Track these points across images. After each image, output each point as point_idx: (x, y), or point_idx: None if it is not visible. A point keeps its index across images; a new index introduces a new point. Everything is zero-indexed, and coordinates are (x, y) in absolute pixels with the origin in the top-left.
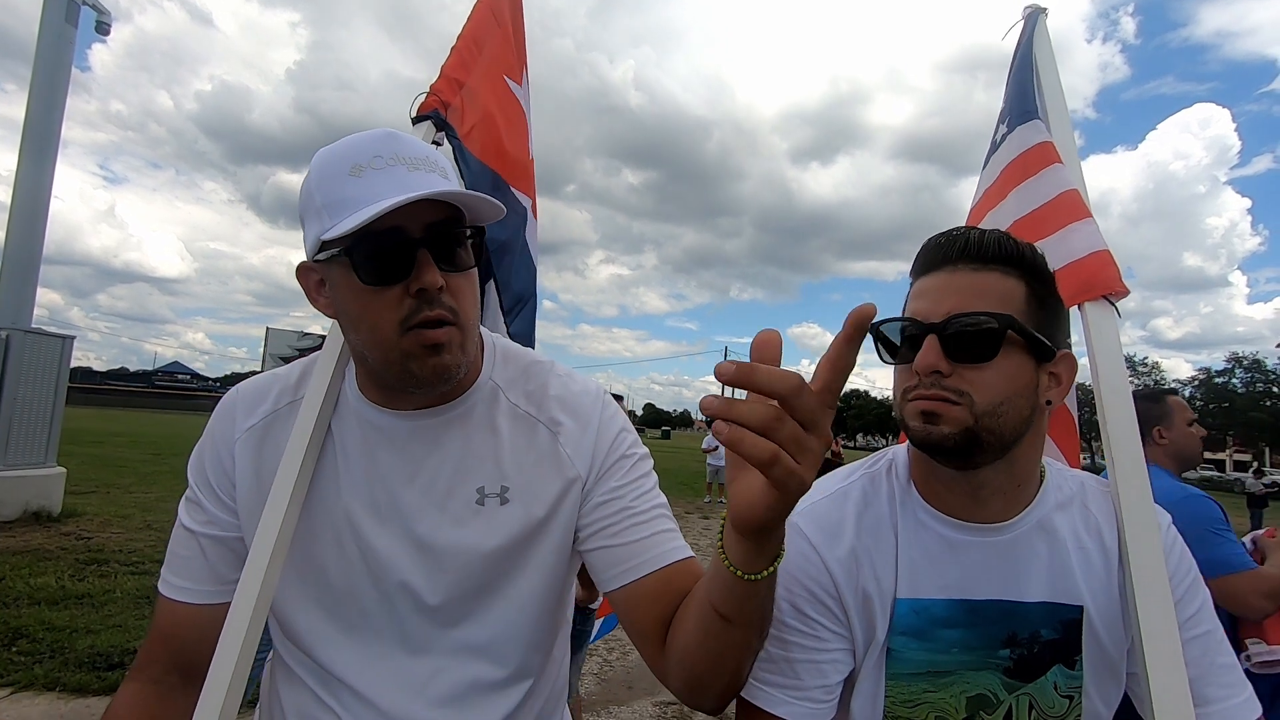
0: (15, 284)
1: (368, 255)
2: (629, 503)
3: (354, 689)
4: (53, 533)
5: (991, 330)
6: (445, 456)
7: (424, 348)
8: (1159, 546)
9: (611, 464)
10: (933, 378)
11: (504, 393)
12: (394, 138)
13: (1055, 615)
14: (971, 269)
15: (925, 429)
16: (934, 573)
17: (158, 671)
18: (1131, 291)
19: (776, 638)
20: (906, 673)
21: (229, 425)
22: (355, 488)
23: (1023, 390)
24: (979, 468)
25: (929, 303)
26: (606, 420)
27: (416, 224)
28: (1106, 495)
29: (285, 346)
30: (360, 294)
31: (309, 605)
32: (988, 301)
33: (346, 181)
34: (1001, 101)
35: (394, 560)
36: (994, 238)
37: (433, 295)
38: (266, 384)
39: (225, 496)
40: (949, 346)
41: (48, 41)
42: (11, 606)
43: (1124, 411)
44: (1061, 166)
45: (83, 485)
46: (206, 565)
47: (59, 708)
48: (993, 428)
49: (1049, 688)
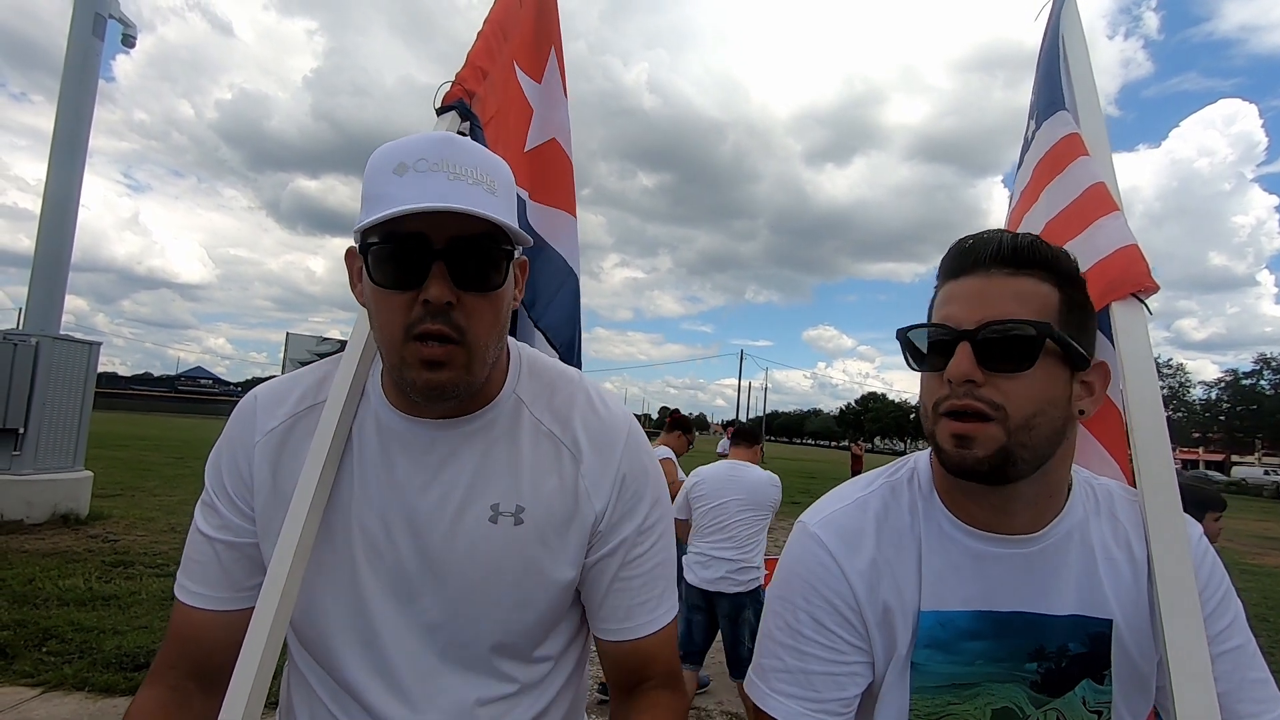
0: (44, 291)
1: (383, 257)
2: (629, 564)
3: (363, 702)
4: (80, 535)
5: (1029, 338)
6: (462, 469)
7: (421, 360)
8: (1188, 558)
9: (625, 514)
10: (966, 387)
11: (528, 408)
12: (450, 143)
13: (1083, 629)
14: (1005, 274)
15: (959, 454)
16: (958, 585)
17: (175, 677)
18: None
19: (794, 649)
20: (931, 685)
21: (248, 429)
22: (370, 495)
23: (1058, 401)
24: (1010, 482)
25: (961, 308)
26: (629, 460)
27: (441, 235)
28: (1135, 504)
29: (305, 351)
30: (375, 292)
31: (317, 612)
32: (1023, 308)
33: (389, 179)
34: (1030, 95)
35: (404, 572)
36: (1028, 241)
37: (438, 309)
38: (286, 387)
39: (242, 502)
40: (983, 354)
41: (75, 54)
42: (41, 607)
43: (1153, 417)
44: (1089, 159)
45: (109, 488)
46: (222, 571)
47: (88, 707)
48: (1026, 442)
49: (1077, 703)
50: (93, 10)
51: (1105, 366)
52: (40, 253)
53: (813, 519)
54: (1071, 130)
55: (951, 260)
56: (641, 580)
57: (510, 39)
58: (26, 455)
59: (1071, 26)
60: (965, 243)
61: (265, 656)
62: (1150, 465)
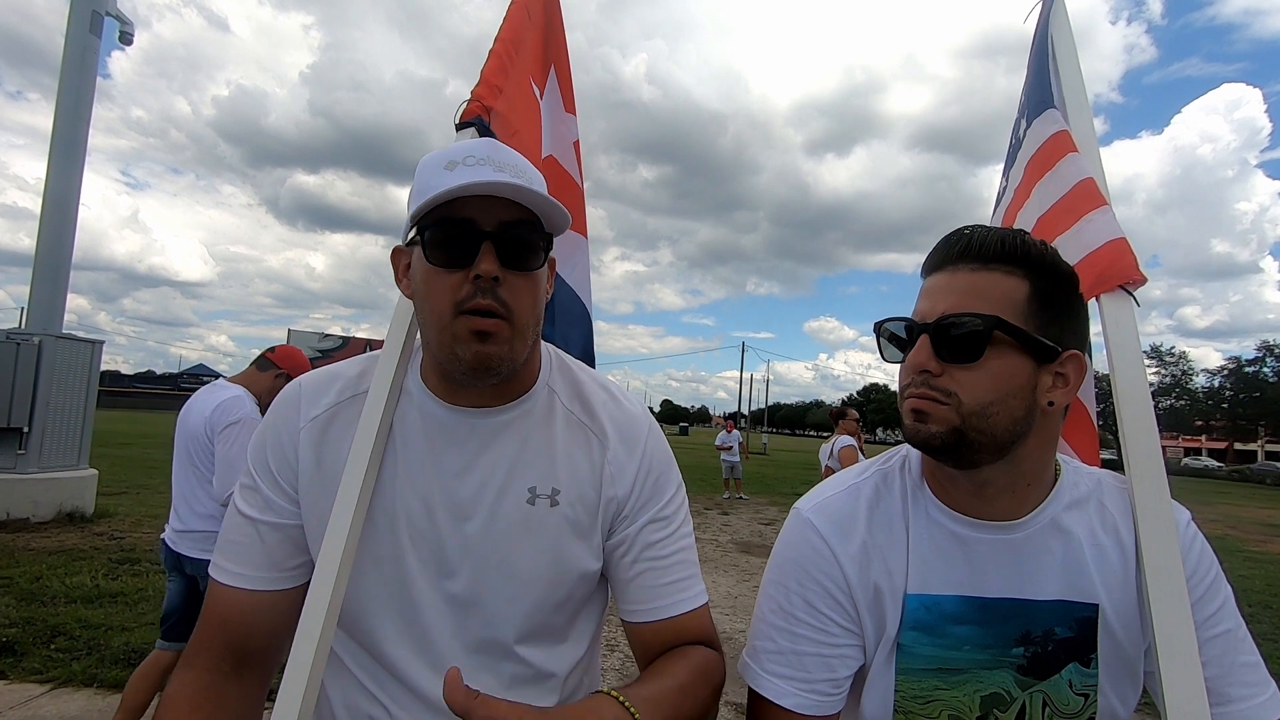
0: (46, 290)
1: (437, 238)
2: (653, 545)
3: (400, 678)
4: (86, 533)
5: (976, 331)
6: (502, 454)
7: (472, 333)
8: (1175, 544)
9: (647, 499)
10: (923, 376)
11: (560, 399)
12: (495, 146)
13: (1070, 613)
14: (971, 269)
15: (915, 427)
16: (945, 569)
17: (211, 659)
18: (1158, 280)
19: (786, 630)
20: (917, 668)
21: (293, 414)
22: (413, 480)
23: (1017, 390)
24: (978, 466)
25: (928, 303)
26: (651, 450)
27: (489, 219)
28: (1123, 492)
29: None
30: (428, 274)
31: (364, 596)
32: (983, 302)
33: (440, 174)
34: (1021, 94)
35: (442, 552)
36: (997, 237)
37: (487, 284)
38: (329, 377)
39: (287, 484)
40: (939, 346)
41: (73, 52)
42: (49, 605)
43: (1141, 407)
44: (1078, 155)
45: (114, 486)
46: (264, 551)
47: (96, 703)
48: (982, 428)
49: (1063, 685)
50: (90, 7)
51: (1080, 358)
52: (41, 252)
53: (807, 505)
54: (1061, 127)
55: (930, 256)
56: (669, 561)
57: (523, 54)
58: (31, 454)
59: (1060, 26)
60: (943, 240)
61: (320, 644)
62: (1138, 454)
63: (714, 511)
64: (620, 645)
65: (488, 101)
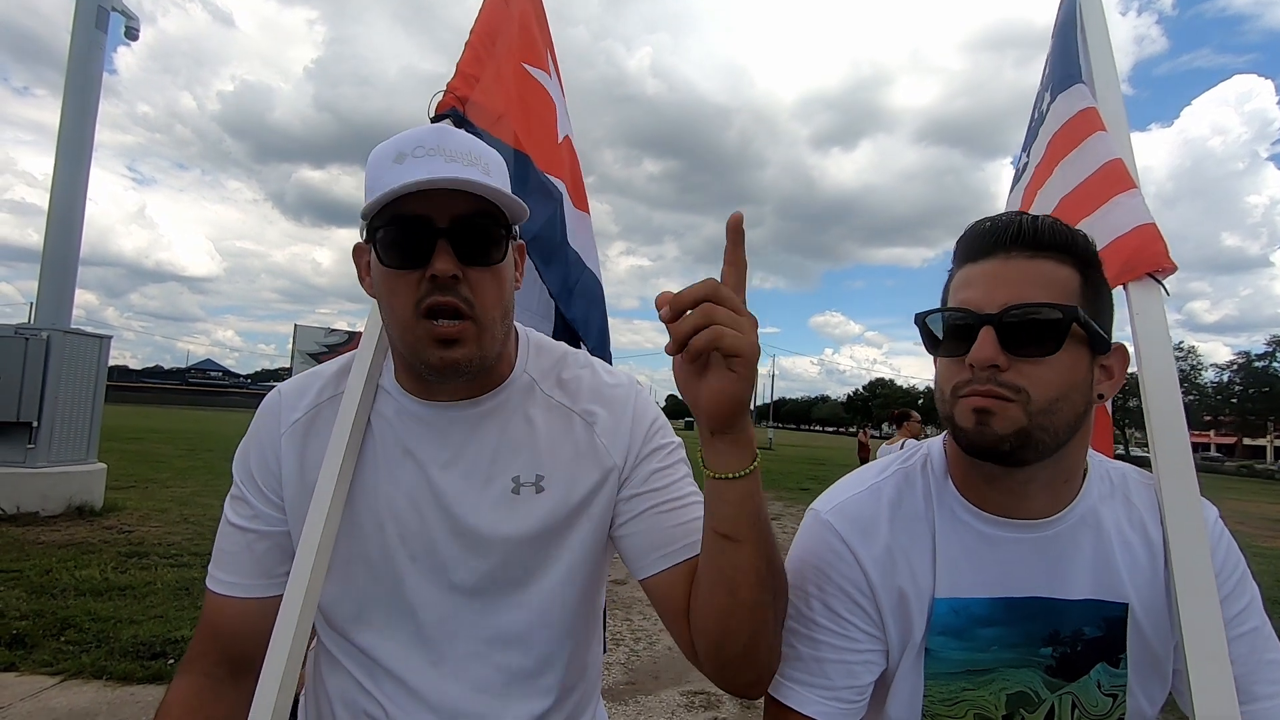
0: (54, 285)
1: (390, 238)
2: (664, 491)
3: (396, 676)
4: (95, 527)
5: (1055, 322)
6: (483, 446)
7: (434, 340)
8: (1205, 541)
9: (647, 453)
10: (989, 372)
11: (538, 385)
12: (444, 132)
13: (1099, 613)
14: (1025, 256)
15: (979, 430)
16: (973, 571)
17: (208, 665)
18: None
19: (807, 636)
20: (945, 672)
21: (273, 422)
22: (397, 479)
23: (1079, 385)
24: (1027, 465)
25: (981, 292)
26: (640, 410)
27: (443, 214)
28: (1149, 487)
29: (313, 343)
30: (384, 275)
31: (352, 593)
32: (1046, 291)
33: (390, 168)
34: (1044, 66)
35: (432, 547)
36: (1048, 224)
37: (444, 282)
38: (307, 381)
39: (271, 493)
40: (1006, 339)
41: (79, 47)
42: (59, 598)
43: (1170, 400)
44: (1106, 134)
45: (122, 481)
46: (254, 560)
47: (106, 695)
48: (1047, 425)
49: (1092, 687)
50: (95, 3)
51: (1124, 350)
52: (49, 247)
53: (825, 506)
54: (1089, 104)
55: (969, 242)
56: (681, 503)
57: (504, 41)
58: (41, 448)
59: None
60: (983, 225)
61: (296, 641)
62: (1166, 449)
63: None
64: (625, 640)
65: (462, 93)
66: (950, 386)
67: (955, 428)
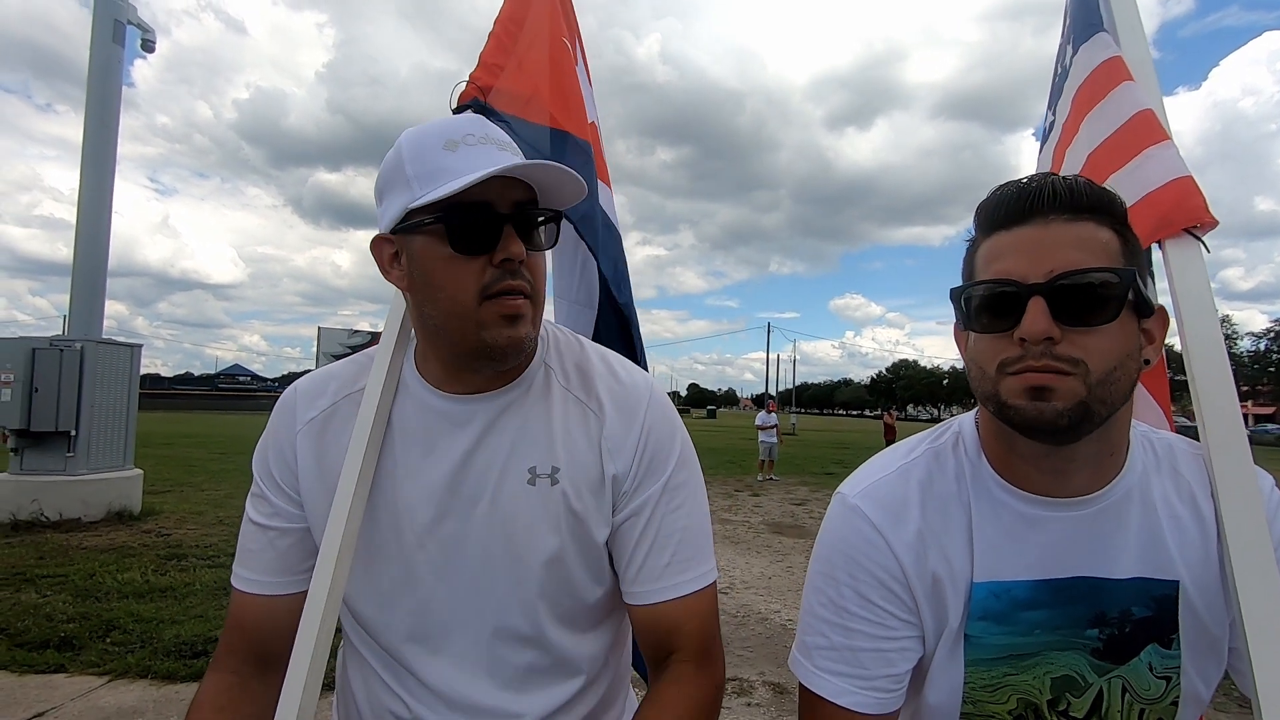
0: (85, 297)
1: (460, 224)
2: (653, 523)
3: (417, 674)
4: (135, 531)
5: (1109, 286)
6: (502, 438)
7: (503, 317)
8: (1261, 513)
9: (647, 474)
10: (1043, 345)
11: (555, 375)
12: (482, 122)
13: (1147, 591)
14: (1064, 220)
15: (1036, 407)
16: (1014, 553)
17: (236, 663)
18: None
19: (840, 625)
20: (987, 658)
21: (290, 419)
22: (416, 473)
23: (1133, 351)
24: (1080, 439)
25: (1022, 261)
26: (650, 423)
27: (505, 201)
28: (1198, 459)
29: (336, 344)
30: (447, 262)
31: (373, 591)
32: (1093, 256)
33: (441, 154)
34: (1064, 18)
35: (452, 545)
36: (1083, 184)
37: (516, 267)
38: (323, 379)
39: (290, 489)
40: (1058, 308)
41: (98, 62)
42: (103, 600)
43: (1216, 364)
44: (1134, 84)
45: (158, 485)
46: (276, 557)
47: (152, 693)
48: (1104, 397)
49: (1143, 669)
50: (111, 17)
51: (1165, 312)
52: (79, 260)
53: (853, 490)
54: (1113, 53)
55: (997, 208)
56: (667, 540)
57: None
58: (80, 456)
59: None
60: (1011, 188)
61: (320, 637)
62: (1215, 414)
63: (745, 493)
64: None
65: (484, 83)
66: (995, 364)
67: (1003, 406)
